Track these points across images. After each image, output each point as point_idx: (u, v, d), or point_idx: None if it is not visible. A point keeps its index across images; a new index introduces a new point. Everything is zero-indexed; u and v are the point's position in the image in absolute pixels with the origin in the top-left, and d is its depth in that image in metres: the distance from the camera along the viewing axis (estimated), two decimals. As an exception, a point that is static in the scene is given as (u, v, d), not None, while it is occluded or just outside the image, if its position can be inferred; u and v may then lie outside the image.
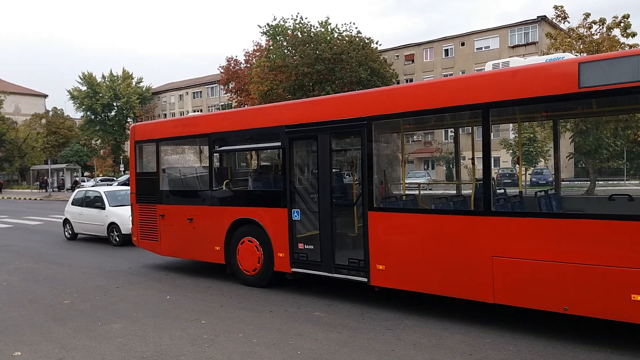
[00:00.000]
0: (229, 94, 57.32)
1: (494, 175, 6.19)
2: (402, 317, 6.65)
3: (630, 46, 21.98)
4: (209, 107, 72.87)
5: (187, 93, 78.20)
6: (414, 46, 55.51)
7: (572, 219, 5.60)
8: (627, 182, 30.78)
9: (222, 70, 55.42)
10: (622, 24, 21.82)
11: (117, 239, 14.17)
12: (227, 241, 8.90)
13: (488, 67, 6.77)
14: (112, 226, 14.33)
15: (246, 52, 53.26)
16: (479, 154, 6.62)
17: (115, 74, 73.63)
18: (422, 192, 8.35)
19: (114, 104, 72.74)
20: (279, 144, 8.18)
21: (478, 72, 6.61)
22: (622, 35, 22.05)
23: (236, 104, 54.21)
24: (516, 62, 6.45)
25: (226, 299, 7.97)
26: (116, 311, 7.43)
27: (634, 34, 21.57)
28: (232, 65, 54.58)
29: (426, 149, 43.88)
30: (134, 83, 74.67)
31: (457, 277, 6.22)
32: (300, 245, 7.90)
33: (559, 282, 5.47)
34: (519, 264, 5.75)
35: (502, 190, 8.11)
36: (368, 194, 7.03)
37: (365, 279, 7.09)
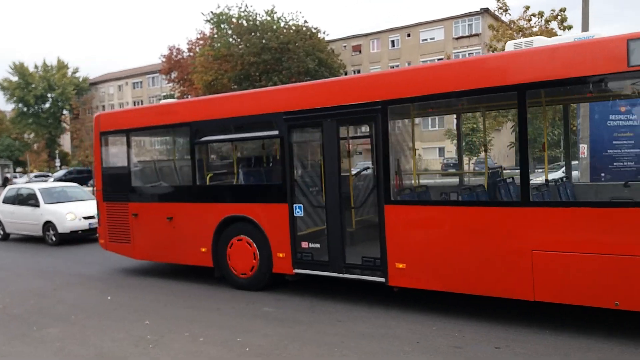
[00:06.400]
0: (171, 84, 55.82)
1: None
2: (352, 309, 6.66)
3: (568, 39, 22.89)
4: (150, 97, 70.63)
5: (126, 83, 75.44)
6: (361, 37, 55.88)
7: (621, 208, 5.19)
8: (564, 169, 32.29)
9: (163, 60, 53.76)
10: (559, 17, 22.69)
11: (54, 239, 13.47)
12: (215, 241, 8.02)
13: (509, 47, 6.27)
14: (48, 225, 13.59)
15: (189, 41, 51.88)
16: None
17: (49, 64, 69.97)
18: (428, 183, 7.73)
19: (48, 95, 69.10)
20: (276, 132, 7.43)
21: (514, 51, 6.00)
22: (559, 28, 22.90)
23: (179, 94, 52.89)
24: (540, 41, 5.96)
25: (171, 297, 7.73)
26: (53, 314, 7.04)
27: (570, 27, 22.42)
28: (175, 54, 53.07)
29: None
30: (69, 73, 71.16)
31: (492, 274, 5.75)
32: (304, 244, 7.21)
33: (609, 276, 5.08)
34: (563, 257, 5.34)
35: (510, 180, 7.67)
36: (384, 186, 6.44)
37: (382, 279, 6.49)
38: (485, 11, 46.67)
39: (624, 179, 9.76)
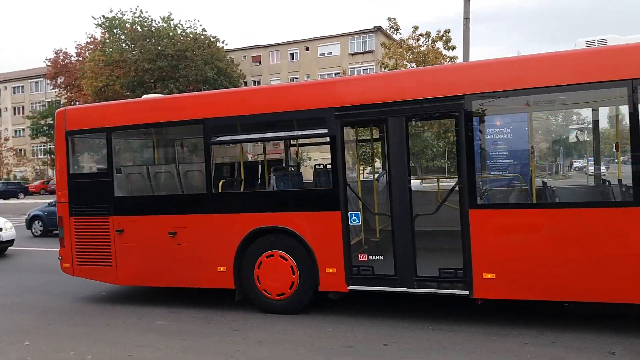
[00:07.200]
0: (57, 90, 52.24)
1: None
2: (249, 317, 6.69)
3: (451, 58, 24.69)
4: (32, 103, 65.37)
5: (5, 87, 69.10)
6: (261, 48, 56.18)
7: None
8: (448, 178, 34.93)
9: (49, 64, 50.27)
10: (444, 38, 24.45)
11: None
12: (238, 259, 6.89)
13: (580, 44, 6.00)
14: None
15: (78, 45, 49.13)
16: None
17: None
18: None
19: None
20: (325, 130, 6.54)
21: (623, 44, 5.64)
22: (444, 47, 24.68)
23: (65, 100, 49.61)
24: (614, 40, 5.84)
25: (55, 315, 7.24)
26: None
27: (453, 47, 24.24)
28: (62, 58, 49.88)
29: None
30: None
31: (602, 279, 5.38)
32: (362, 257, 6.51)
33: None
34: None
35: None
36: (468, 189, 5.87)
37: (465, 292, 5.89)
38: (379, 29, 48.96)
39: (501, 186, 10.77)
